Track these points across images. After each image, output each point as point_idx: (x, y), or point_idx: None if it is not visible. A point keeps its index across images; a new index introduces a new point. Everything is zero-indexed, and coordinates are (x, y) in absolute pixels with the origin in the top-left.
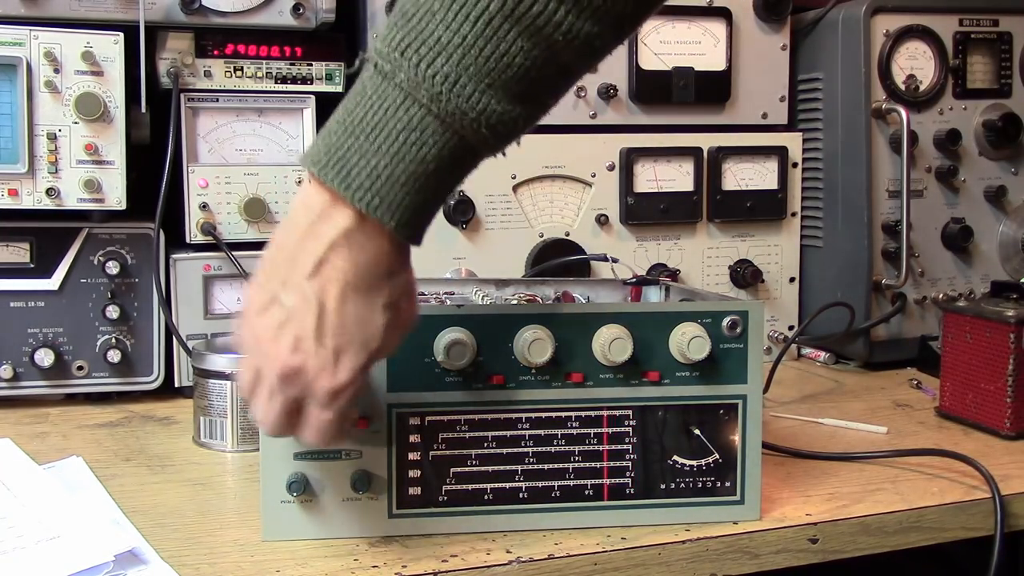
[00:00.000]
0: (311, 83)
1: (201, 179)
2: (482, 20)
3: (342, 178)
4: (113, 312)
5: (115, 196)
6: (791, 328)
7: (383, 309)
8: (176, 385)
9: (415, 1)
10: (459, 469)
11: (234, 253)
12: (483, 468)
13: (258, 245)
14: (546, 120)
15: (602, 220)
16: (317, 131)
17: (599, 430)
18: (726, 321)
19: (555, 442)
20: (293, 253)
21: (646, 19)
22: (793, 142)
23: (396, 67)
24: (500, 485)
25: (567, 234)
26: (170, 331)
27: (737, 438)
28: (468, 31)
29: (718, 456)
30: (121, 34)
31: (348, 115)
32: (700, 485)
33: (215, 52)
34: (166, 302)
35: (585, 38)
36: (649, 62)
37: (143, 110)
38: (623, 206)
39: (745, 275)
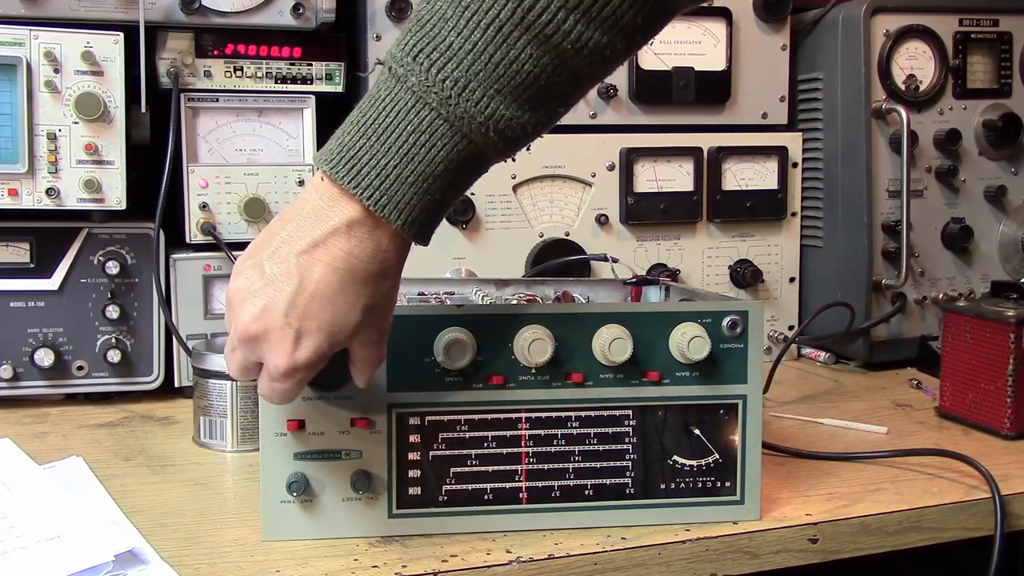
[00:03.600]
0: (311, 83)
1: (201, 179)
2: (492, 27)
3: (352, 176)
4: (113, 312)
5: (115, 196)
6: (791, 328)
7: (361, 309)
8: (176, 385)
9: (429, 8)
10: (459, 469)
11: (234, 253)
12: (483, 468)
13: None
14: None
15: (602, 220)
16: (317, 131)
17: (599, 430)
18: (726, 321)
19: (555, 442)
20: (293, 228)
21: (657, 32)
22: (793, 142)
23: (408, 71)
24: (500, 485)
25: (567, 234)
26: (170, 331)
27: (737, 438)
28: (479, 38)
29: (718, 456)
30: (121, 34)
31: (361, 116)
32: (700, 485)
33: (215, 52)
34: (166, 302)
35: (594, 47)
36: (649, 62)
37: (143, 110)
38: (623, 206)
39: (745, 275)
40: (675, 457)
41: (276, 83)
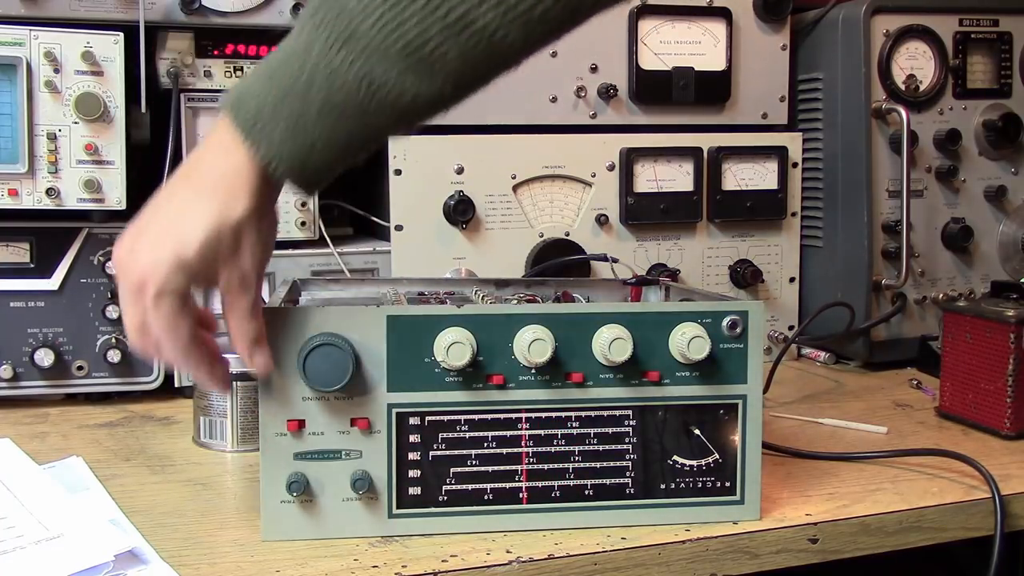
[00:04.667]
0: None
1: None
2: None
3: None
4: (113, 312)
5: (115, 196)
6: (791, 328)
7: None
8: (176, 385)
9: None
10: (459, 469)
11: None
12: (483, 468)
13: None
14: (546, 120)
15: (602, 220)
16: None
17: (599, 430)
18: (726, 321)
19: (555, 442)
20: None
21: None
22: (793, 142)
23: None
24: (500, 485)
25: (567, 234)
26: None
27: (737, 438)
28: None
29: (718, 456)
30: (121, 34)
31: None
32: (700, 485)
33: (215, 52)
34: None
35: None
36: (649, 62)
37: (143, 110)
38: (623, 206)
39: (745, 275)
40: (675, 457)
41: None
